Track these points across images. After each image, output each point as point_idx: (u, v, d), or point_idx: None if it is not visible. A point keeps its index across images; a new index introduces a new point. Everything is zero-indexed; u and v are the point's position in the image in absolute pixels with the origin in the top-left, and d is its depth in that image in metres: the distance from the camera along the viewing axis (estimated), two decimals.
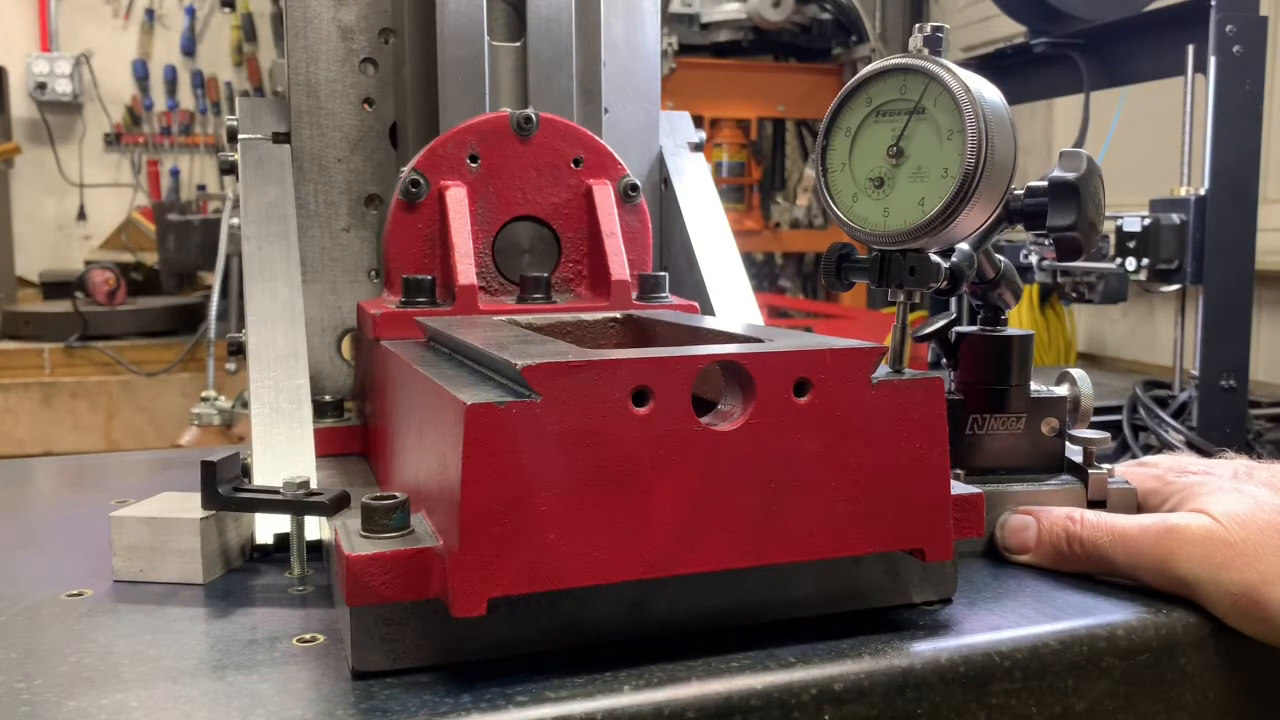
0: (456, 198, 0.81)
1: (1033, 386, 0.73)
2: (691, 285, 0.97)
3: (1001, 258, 0.73)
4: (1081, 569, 0.65)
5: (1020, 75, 1.67)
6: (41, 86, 4.42)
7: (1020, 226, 0.68)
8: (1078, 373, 0.74)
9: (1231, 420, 1.19)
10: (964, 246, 0.65)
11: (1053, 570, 0.66)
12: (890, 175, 0.61)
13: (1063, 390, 0.74)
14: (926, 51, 0.60)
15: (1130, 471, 0.72)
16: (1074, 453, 0.73)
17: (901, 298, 0.63)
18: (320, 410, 0.86)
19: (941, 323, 0.73)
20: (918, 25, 0.61)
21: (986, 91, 0.59)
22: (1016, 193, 0.65)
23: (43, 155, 4.54)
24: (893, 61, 0.61)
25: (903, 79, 0.61)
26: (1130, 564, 0.62)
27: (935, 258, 0.61)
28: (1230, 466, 0.67)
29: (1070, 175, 0.64)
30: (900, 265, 0.62)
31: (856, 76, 0.63)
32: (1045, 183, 0.65)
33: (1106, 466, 0.71)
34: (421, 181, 0.82)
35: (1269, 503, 0.61)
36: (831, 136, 0.64)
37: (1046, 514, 0.66)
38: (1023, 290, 0.74)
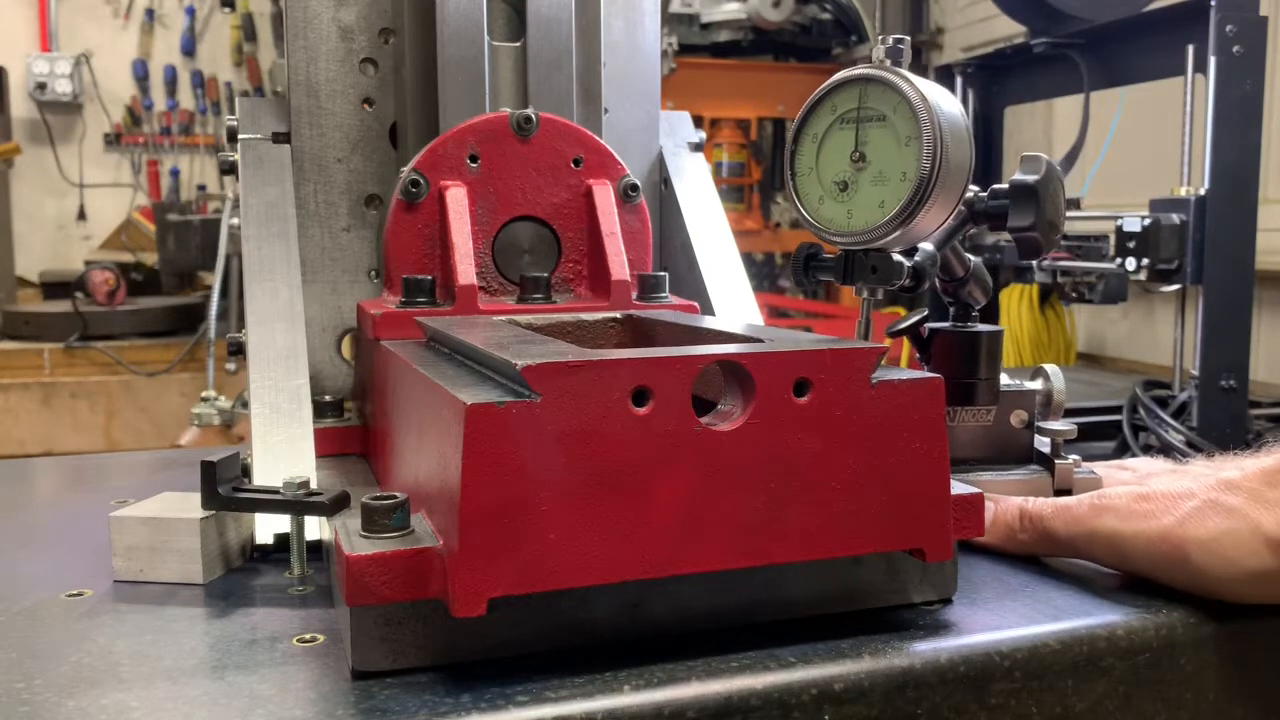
0: (456, 198, 0.81)
1: (1005, 381, 0.75)
2: (691, 285, 0.97)
3: (971, 257, 0.76)
4: (1029, 550, 0.67)
5: (1020, 75, 1.67)
6: (41, 86, 4.42)
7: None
8: (1051, 368, 0.76)
9: (1231, 420, 1.19)
10: (927, 246, 0.67)
11: (1052, 570, 0.66)
12: (854, 179, 0.65)
13: (1036, 385, 0.76)
14: (889, 62, 0.64)
15: (1108, 474, 0.74)
16: (1044, 444, 0.75)
17: (865, 294, 0.66)
18: (320, 410, 0.86)
19: (914, 319, 0.76)
20: (880, 37, 0.64)
21: (944, 101, 0.62)
22: (981, 195, 0.68)
23: (43, 155, 4.54)
24: (856, 72, 0.65)
25: (864, 88, 0.64)
26: (1068, 534, 0.64)
27: (898, 257, 0.65)
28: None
29: (1030, 178, 0.67)
30: (863, 264, 0.66)
31: (823, 85, 0.66)
32: (1007, 185, 0.68)
33: (1073, 457, 0.74)
34: (421, 181, 0.82)
35: (1198, 472, 0.64)
36: (800, 142, 0.68)
37: (1002, 498, 0.69)
38: (991, 288, 0.77)
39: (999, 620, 0.58)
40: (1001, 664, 0.54)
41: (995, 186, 0.69)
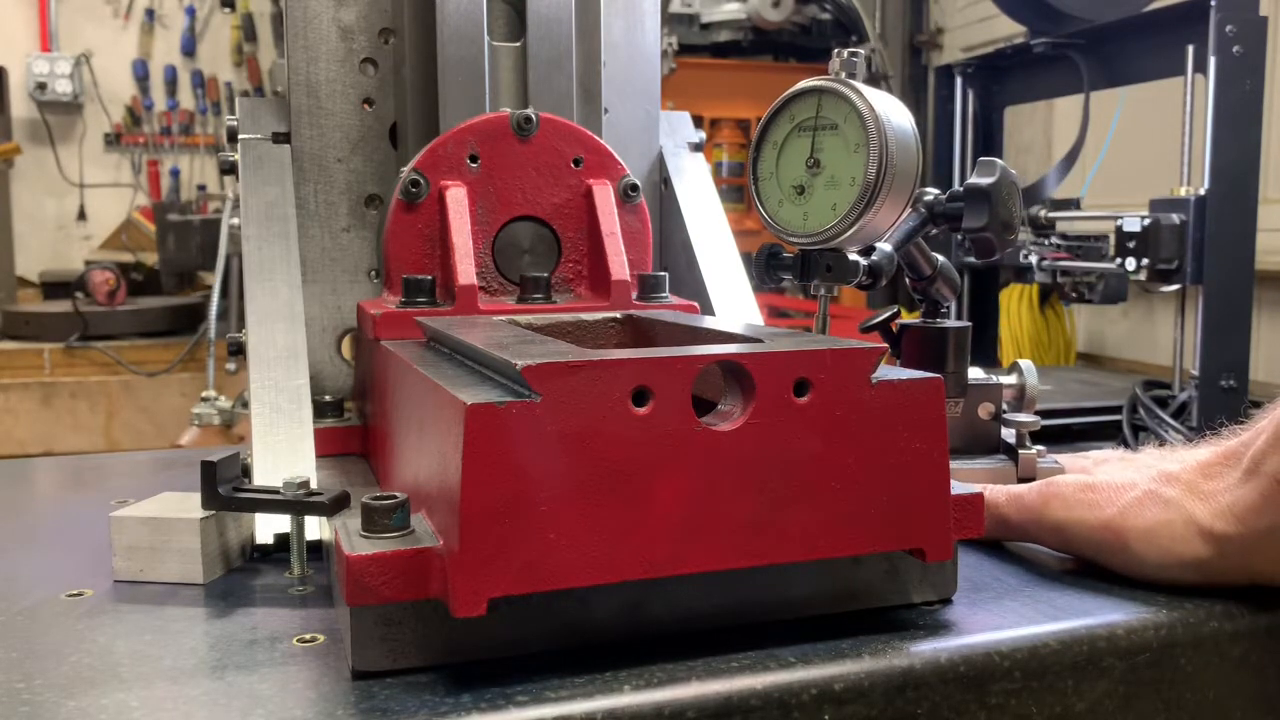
0: (456, 198, 0.81)
1: (974, 375, 0.79)
2: (691, 285, 0.97)
3: (939, 256, 0.79)
4: (985, 534, 0.68)
5: (1020, 75, 1.67)
6: (41, 86, 4.42)
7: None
8: (1025, 364, 0.80)
9: (1231, 420, 1.19)
10: (884, 246, 0.71)
11: (1052, 570, 0.66)
12: (809, 183, 0.69)
13: (1010, 379, 0.80)
14: (843, 74, 0.68)
15: (1073, 464, 0.76)
16: (1010, 435, 0.79)
17: (822, 291, 0.71)
18: (320, 410, 0.86)
19: (885, 315, 0.79)
20: (836, 50, 0.69)
21: (893, 112, 0.66)
22: (940, 197, 0.73)
23: (43, 155, 4.54)
24: (812, 83, 0.69)
25: (819, 99, 0.69)
26: (1020, 519, 0.67)
27: (854, 256, 0.69)
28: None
29: (984, 182, 0.72)
30: (818, 262, 0.70)
31: (781, 96, 0.71)
32: (962, 189, 0.73)
33: (1038, 448, 0.77)
34: (421, 181, 0.82)
35: (1143, 462, 0.67)
36: (761, 149, 0.72)
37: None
38: (959, 285, 0.81)
39: (999, 620, 0.58)
40: (1001, 664, 0.54)
41: (954, 189, 0.73)
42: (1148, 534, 0.61)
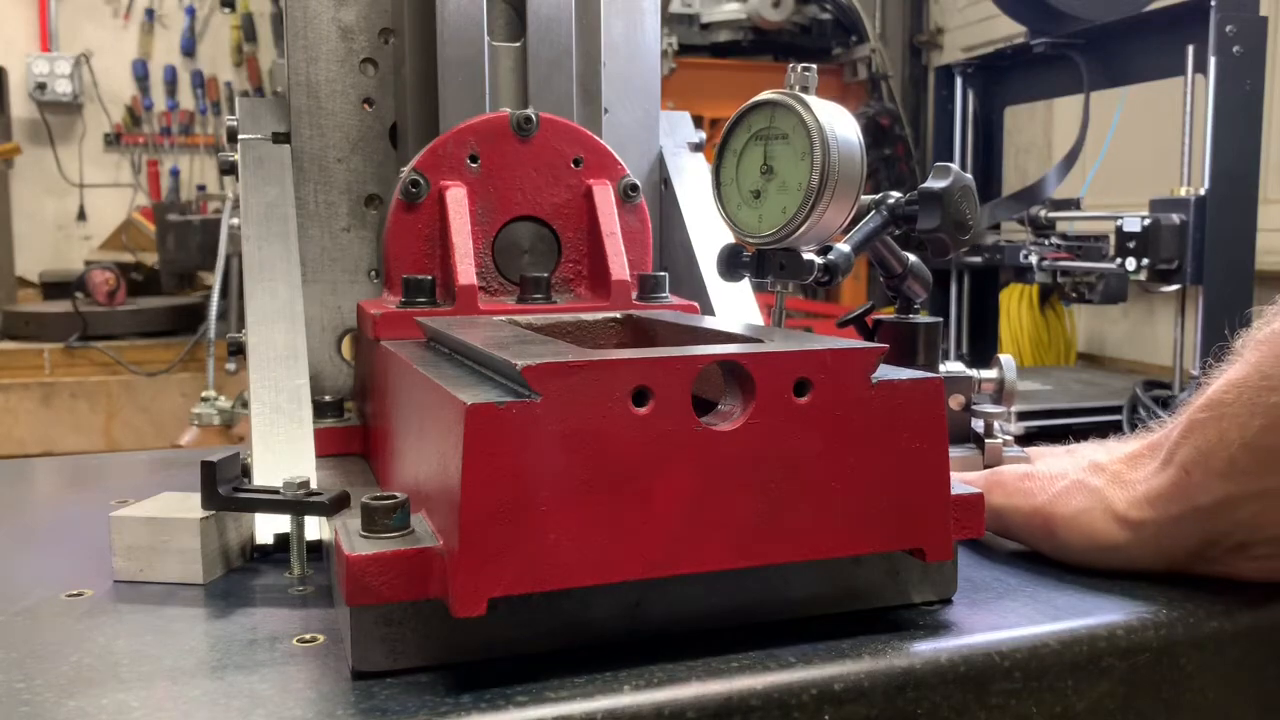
0: (456, 198, 0.81)
1: (951, 367, 0.83)
2: (691, 285, 0.97)
3: (910, 255, 0.83)
4: None
5: (1020, 75, 1.67)
6: (41, 86, 4.42)
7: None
8: (1005, 359, 0.83)
9: None
10: (842, 246, 0.74)
11: (1052, 570, 0.66)
12: (764, 188, 0.74)
13: (990, 374, 0.84)
14: (797, 88, 0.72)
15: (1053, 451, 0.78)
16: (979, 425, 0.82)
17: (778, 288, 0.76)
18: (320, 410, 0.86)
19: (860, 310, 0.83)
20: (790, 65, 0.73)
21: (838, 123, 0.70)
22: (901, 200, 0.77)
23: (43, 155, 4.54)
24: (765, 96, 0.74)
25: (772, 111, 0.74)
26: None
27: (809, 255, 0.73)
28: None
29: (936, 186, 0.76)
30: (773, 261, 0.75)
31: (741, 107, 0.76)
32: (917, 192, 0.77)
33: (1004, 437, 0.80)
34: (421, 181, 0.82)
35: (1085, 454, 0.69)
36: (723, 157, 0.77)
37: None
38: (931, 283, 0.85)
39: (999, 620, 0.58)
40: (1001, 664, 0.54)
41: (910, 193, 0.77)
42: (1071, 520, 0.64)
